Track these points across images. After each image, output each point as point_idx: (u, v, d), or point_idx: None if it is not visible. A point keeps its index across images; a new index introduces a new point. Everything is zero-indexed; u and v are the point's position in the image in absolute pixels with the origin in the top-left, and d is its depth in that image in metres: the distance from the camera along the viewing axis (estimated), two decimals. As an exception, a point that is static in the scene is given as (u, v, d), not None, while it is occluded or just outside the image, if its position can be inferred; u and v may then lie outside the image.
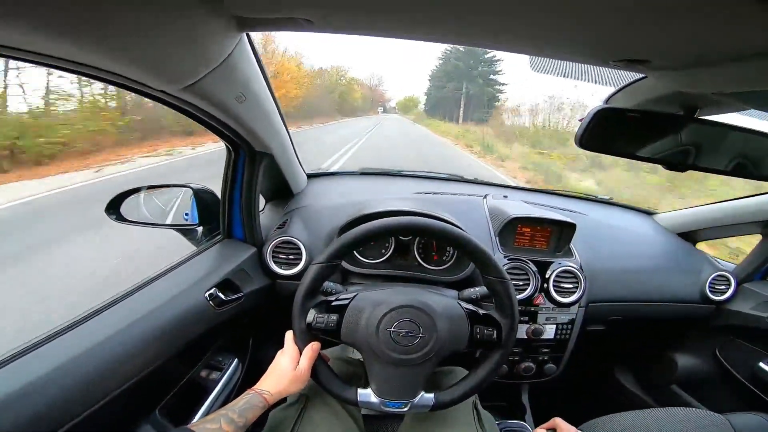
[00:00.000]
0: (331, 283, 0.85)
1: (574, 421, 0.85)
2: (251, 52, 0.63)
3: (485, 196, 1.31)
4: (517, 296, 1.05)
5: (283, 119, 0.91)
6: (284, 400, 0.78)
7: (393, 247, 1.11)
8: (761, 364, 1.17)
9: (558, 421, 0.82)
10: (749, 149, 0.61)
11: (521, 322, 1.09)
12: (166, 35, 0.43)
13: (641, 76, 0.55)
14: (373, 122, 30.48)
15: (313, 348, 0.71)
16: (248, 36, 0.59)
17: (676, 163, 0.61)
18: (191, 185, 0.99)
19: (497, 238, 1.14)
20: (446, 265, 1.12)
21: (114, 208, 0.95)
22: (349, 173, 1.48)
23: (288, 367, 0.69)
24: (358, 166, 1.55)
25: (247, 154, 0.90)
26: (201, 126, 0.76)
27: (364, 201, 1.14)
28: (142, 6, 0.37)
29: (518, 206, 1.21)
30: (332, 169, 1.51)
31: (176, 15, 0.41)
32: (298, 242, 1.05)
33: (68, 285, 2.60)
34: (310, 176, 1.35)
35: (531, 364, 1.14)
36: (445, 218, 1.03)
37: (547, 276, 1.09)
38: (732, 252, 2.43)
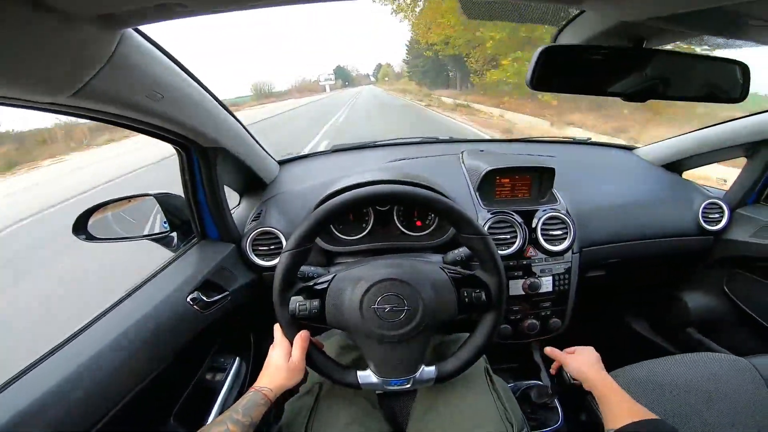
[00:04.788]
0: (312, 268, 0.86)
1: None
2: (148, 46, 0.61)
3: (461, 154, 1.32)
4: (507, 250, 1.08)
5: (226, 109, 0.91)
6: (296, 391, 0.82)
7: (373, 219, 1.12)
8: None
9: (568, 349, 0.87)
10: (704, 74, 0.63)
11: (516, 277, 1.12)
12: (26, 47, 0.42)
13: (580, 11, 0.56)
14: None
15: (302, 337, 0.73)
16: (139, 31, 0.57)
17: (633, 94, 0.63)
18: (151, 193, 1.00)
19: (477, 194, 1.16)
20: (429, 230, 1.13)
21: (81, 228, 0.96)
22: (321, 153, 1.49)
23: (281, 361, 0.72)
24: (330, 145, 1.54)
25: (197, 152, 0.91)
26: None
27: (336, 178, 1.15)
28: None
29: (494, 158, 1.23)
30: (304, 151, 1.52)
31: (29, 28, 0.40)
32: (276, 231, 1.07)
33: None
34: (281, 162, 1.36)
35: (534, 321, 1.16)
36: (416, 182, 1.03)
37: (533, 225, 1.11)
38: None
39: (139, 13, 0.46)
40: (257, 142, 1.13)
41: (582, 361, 0.81)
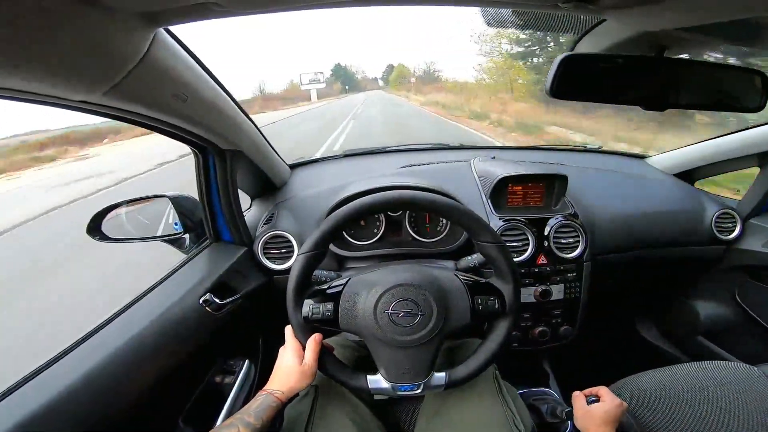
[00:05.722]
0: (324, 272, 0.88)
1: (601, 382, 0.85)
2: (177, 47, 0.62)
3: (473, 160, 1.33)
4: (519, 258, 1.08)
5: (245, 113, 0.92)
6: (297, 395, 0.82)
7: (384, 225, 1.12)
8: None
9: (603, 391, 0.80)
10: (724, 83, 0.63)
11: (527, 285, 1.12)
12: (66, 43, 0.42)
13: (601, 19, 0.56)
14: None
15: (315, 340, 0.73)
16: (169, 32, 0.58)
17: (653, 103, 0.63)
18: (167, 194, 1.01)
19: (489, 201, 1.16)
20: (441, 236, 1.13)
21: (95, 228, 0.97)
22: (333, 157, 1.49)
23: (293, 363, 0.71)
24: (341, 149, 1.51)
25: (215, 154, 0.92)
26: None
27: (348, 183, 1.16)
28: (28, 17, 0.37)
29: (507, 165, 1.23)
30: (316, 156, 1.53)
31: (71, 21, 0.40)
32: (288, 235, 1.08)
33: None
34: (292, 166, 1.37)
35: (545, 328, 1.15)
36: (429, 188, 1.05)
37: (545, 233, 1.11)
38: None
39: (177, 11, 0.47)
40: (270, 145, 1.14)
41: (591, 420, 0.75)
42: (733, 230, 1.28)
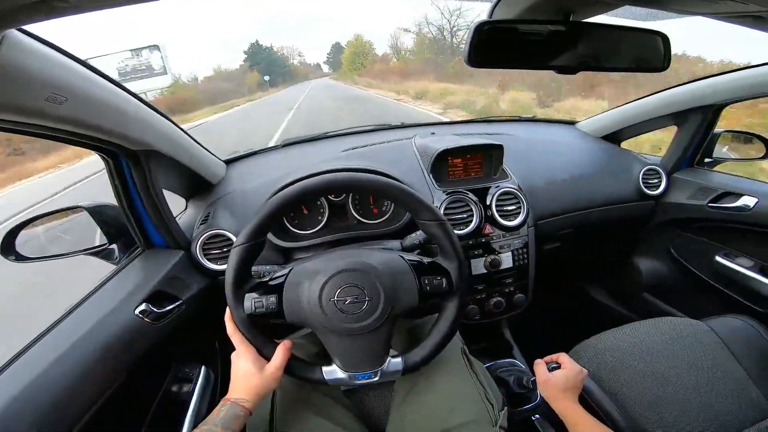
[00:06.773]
0: (267, 267, 0.84)
1: (562, 347, 0.87)
2: (40, 47, 0.56)
3: (413, 138, 1.33)
4: (465, 229, 1.10)
5: (156, 110, 0.85)
6: None
7: (328, 211, 1.10)
8: (717, 258, 1.26)
9: (564, 358, 0.82)
10: (629, 45, 0.66)
11: (477, 256, 1.14)
12: None
13: (506, -16, 0.56)
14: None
15: (286, 346, 0.71)
16: (26, 32, 0.52)
17: (565, 66, 0.64)
18: (82, 204, 0.92)
19: (431, 176, 1.17)
20: (386, 216, 1.13)
21: (8, 248, 0.88)
22: (271, 149, 1.44)
23: (252, 369, 0.68)
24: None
25: (125, 157, 0.85)
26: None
27: (289, 172, 1.12)
28: None
29: (445, 140, 1.24)
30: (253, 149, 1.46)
31: None
32: (227, 233, 1.03)
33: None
34: (228, 162, 1.31)
35: (499, 298, 1.18)
36: (369, 169, 1.03)
37: (488, 202, 1.14)
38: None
39: (15, 12, 0.41)
40: (197, 142, 1.08)
41: (553, 387, 0.77)
42: (660, 185, 1.37)
